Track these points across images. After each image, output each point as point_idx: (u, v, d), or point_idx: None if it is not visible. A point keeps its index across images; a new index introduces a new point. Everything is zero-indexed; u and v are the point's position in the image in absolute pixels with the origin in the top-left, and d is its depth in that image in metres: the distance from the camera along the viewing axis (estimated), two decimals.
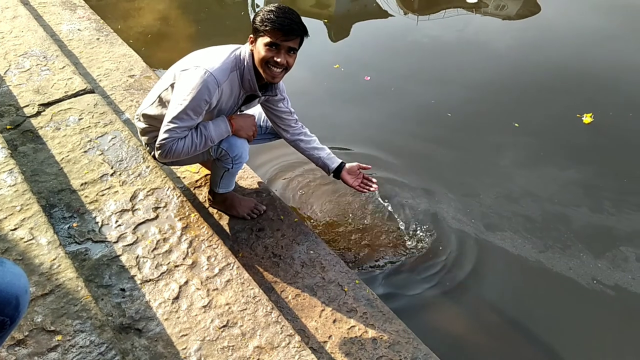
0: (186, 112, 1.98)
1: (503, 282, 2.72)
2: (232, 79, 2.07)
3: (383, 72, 4.37)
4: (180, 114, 1.98)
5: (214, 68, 1.99)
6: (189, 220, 2.24)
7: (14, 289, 1.05)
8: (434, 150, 3.56)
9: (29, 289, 1.11)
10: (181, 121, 1.99)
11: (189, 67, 2.03)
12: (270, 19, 1.95)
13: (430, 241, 2.89)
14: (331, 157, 2.47)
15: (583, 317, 2.59)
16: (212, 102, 2.02)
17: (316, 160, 2.48)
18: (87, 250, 2.07)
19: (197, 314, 1.89)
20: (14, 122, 2.67)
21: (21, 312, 1.07)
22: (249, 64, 2.06)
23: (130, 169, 2.44)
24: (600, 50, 4.79)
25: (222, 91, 2.04)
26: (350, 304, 2.22)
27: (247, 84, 2.10)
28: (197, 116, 2.02)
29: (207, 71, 1.98)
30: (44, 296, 1.68)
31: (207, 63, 2.01)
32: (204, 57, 2.06)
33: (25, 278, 1.09)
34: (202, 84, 1.96)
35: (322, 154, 2.47)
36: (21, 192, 2.07)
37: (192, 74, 1.99)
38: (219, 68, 2.00)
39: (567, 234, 2.98)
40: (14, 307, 1.05)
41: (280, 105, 2.37)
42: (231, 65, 2.05)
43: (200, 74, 1.97)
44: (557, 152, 3.56)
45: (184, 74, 2.02)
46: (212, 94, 1.99)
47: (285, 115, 2.40)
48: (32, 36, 3.37)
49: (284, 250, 2.44)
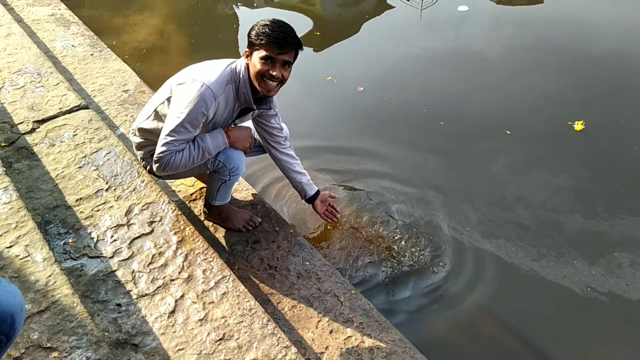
0: (184, 125, 2.00)
1: (498, 290, 2.72)
2: (227, 92, 2.09)
3: (376, 82, 4.40)
4: (178, 127, 2.00)
5: (210, 81, 2.02)
6: (185, 233, 2.25)
7: (10, 307, 1.05)
8: (428, 159, 3.58)
9: (25, 306, 1.12)
10: (179, 134, 2.01)
11: (186, 80, 2.05)
12: (265, 32, 1.98)
13: (426, 250, 2.89)
14: (310, 184, 2.65)
15: (578, 324, 2.59)
16: (209, 114, 2.05)
17: (297, 184, 2.63)
18: (83, 266, 2.08)
19: (194, 327, 1.89)
20: (8, 140, 2.68)
21: (17, 329, 1.08)
22: (245, 77, 2.09)
23: (125, 183, 2.45)
24: (592, 57, 4.83)
25: (218, 104, 2.06)
26: (346, 315, 2.23)
27: (243, 96, 2.13)
28: (195, 129, 2.04)
29: (204, 84, 2.00)
30: (39, 313, 1.68)
31: (204, 76, 2.03)
32: (201, 70, 2.09)
33: (21, 296, 1.10)
34: (199, 96, 1.99)
35: (303, 180, 2.62)
36: (16, 210, 2.08)
37: (189, 87, 2.02)
38: (215, 81, 2.03)
39: (561, 240, 2.99)
40: (10, 325, 1.06)
41: (273, 121, 2.40)
42: (227, 78, 2.08)
43: (197, 87, 2.00)
44: (549, 159, 3.58)
45: (180, 88, 2.05)
46: (209, 107, 2.02)
47: (275, 132, 2.45)
48: (25, 53, 3.39)
49: (280, 261, 2.45)
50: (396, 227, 3.02)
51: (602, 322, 2.60)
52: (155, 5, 5.81)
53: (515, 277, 2.80)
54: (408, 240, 2.95)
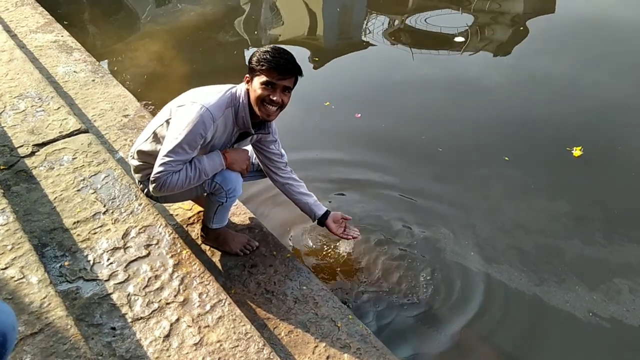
0: (182, 146, 2.02)
1: (499, 316, 2.70)
2: (226, 115, 2.12)
3: (374, 109, 4.44)
4: (176, 147, 2.02)
5: (210, 104, 2.05)
6: (181, 257, 2.24)
7: (2, 327, 1.05)
8: (427, 184, 3.59)
9: (17, 326, 1.11)
10: (176, 155, 2.03)
11: (186, 103, 2.08)
12: (266, 59, 2.02)
13: (426, 275, 2.88)
14: (317, 204, 2.57)
15: (581, 350, 2.57)
16: (207, 136, 2.07)
17: (303, 205, 2.56)
18: (79, 289, 2.06)
19: (189, 352, 1.87)
20: (7, 163, 2.69)
21: (8, 349, 1.07)
22: (244, 102, 2.12)
23: (122, 206, 2.45)
24: (589, 84, 4.89)
25: (217, 127, 2.08)
26: (343, 340, 2.20)
27: (241, 121, 2.15)
28: (193, 150, 2.05)
29: (204, 106, 2.03)
30: (33, 335, 1.67)
31: (204, 99, 2.07)
32: (201, 93, 2.12)
33: (13, 315, 1.09)
34: (198, 118, 2.01)
35: (309, 200, 2.55)
36: (12, 232, 2.07)
37: (188, 109, 2.04)
38: (215, 104, 2.06)
39: (562, 266, 2.98)
40: (1, 344, 1.05)
41: (272, 147, 2.42)
42: (226, 102, 2.11)
43: (197, 109, 2.02)
44: (547, 185, 3.60)
45: (180, 110, 2.08)
46: (208, 129, 2.04)
47: (275, 158, 2.46)
48: (27, 78, 3.43)
49: (277, 286, 2.44)
50: (396, 252, 3.01)
51: (604, 347, 2.57)
52: (155, 32, 5.90)
53: (518, 303, 2.78)
54: (409, 265, 2.93)
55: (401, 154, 3.89)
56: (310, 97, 4.56)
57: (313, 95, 4.60)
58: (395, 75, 5.19)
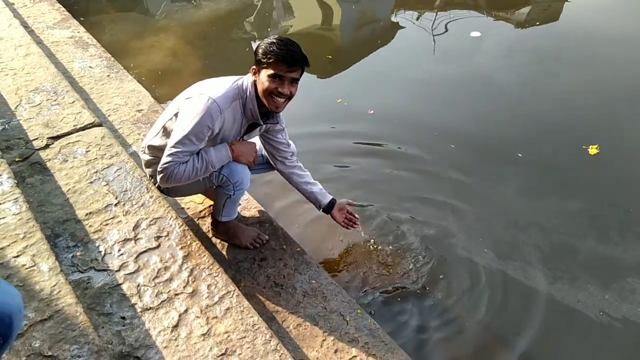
0: (189, 137, 2.03)
1: (511, 314, 2.68)
2: (234, 107, 2.12)
3: (386, 105, 4.42)
4: (183, 138, 2.03)
5: (217, 95, 2.06)
6: (191, 249, 2.25)
7: (8, 308, 1.06)
8: (440, 180, 3.57)
9: (23, 308, 1.12)
10: (184, 146, 2.04)
11: (193, 95, 2.10)
12: (273, 51, 2.02)
13: (439, 270, 2.86)
14: (323, 193, 2.58)
15: (593, 350, 2.54)
16: (215, 128, 2.07)
17: (309, 194, 2.58)
18: (90, 279, 2.08)
19: (196, 342, 1.88)
20: (22, 155, 2.73)
21: (14, 330, 1.09)
22: (251, 94, 2.13)
23: (134, 199, 2.47)
24: (608, 81, 4.83)
25: (224, 118, 2.09)
26: (352, 334, 2.20)
27: (249, 112, 2.16)
28: (200, 142, 2.07)
29: (210, 98, 2.04)
30: (42, 322, 1.69)
31: (211, 91, 2.08)
32: (208, 86, 2.13)
33: (20, 298, 1.11)
34: (205, 110, 2.02)
35: (314, 189, 2.57)
36: (25, 221, 2.10)
37: (195, 102, 2.06)
38: (222, 96, 2.07)
39: (575, 264, 2.95)
40: (7, 326, 1.06)
41: (279, 136, 2.43)
42: (233, 94, 2.12)
43: (204, 101, 2.04)
44: (562, 183, 3.56)
45: (187, 102, 2.09)
46: (215, 121, 2.05)
47: (282, 147, 2.47)
48: (43, 72, 3.47)
49: (286, 279, 2.44)
50: (407, 247, 3.00)
51: (616, 347, 2.54)
52: (170, 27, 5.94)
53: (527, 300, 2.75)
54: (418, 261, 2.92)
55: (414, 150, 3.87)
56: (323, 94, 4.56)
57: (325, 93, 4.60)
58: (408, 72, 5.16)
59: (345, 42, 6.33)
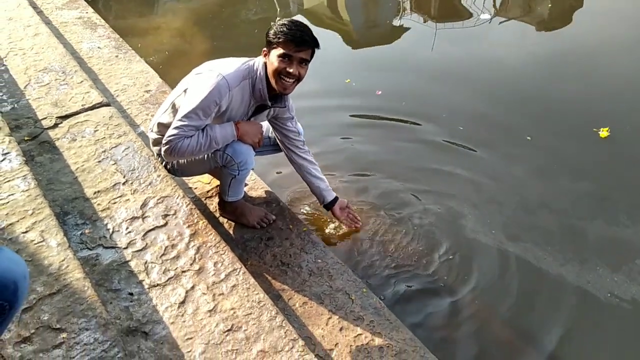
0: (196, 112, 2.04)
1: (518, 294, 2.66)
2: (243, 87, 2.13)
3: (394, 86, 4.40)
4: (190, 112, 2.05)
5: (227, 73, 2.07)
6: (198, 227, 2.27)
7: (12, 275, 1.08)
8: (448, 161, 3.55)
9: (28, 275, 1.14)
10: (190, 120, 2.05)
11: (203, 71, 2.12)
12: (283, 31, 2.03)
13: (446, 251, 2.86)
14: (328, 190, 2.67)
15: (601, 332, 2.52)
16: (222, 105, 2.08)
17: (315, 189, 2.66)
18: (98, 256, 2.11)
19: (203, 318, 1.90)
20: (32, 134, 2.75)
21: (20, 297, 1.10)
22: (261, 75, 2.14)
23: (141, 177, 2.49)
24: (619, 63, 4.75)
25: (232, 96, 2.10)
26: (357, 312, 2.21)
27: (258, 93, 2.16)
28: (206, 117, 2.08)
29: (221, 74, 2.05)
30: (51, 295, 1.71)
31: (221, 68, 2.09)
32: (219, 63, 2.15)
33: (24, 265, 1.12)
34: (214, 85, 2.03)
35: (321, 185, 2.64)
36: (34, 197, 2.13)
37: (205, 77, 2.08)
38: (232, 73, 2.08)
39: (584, 246, 2.92)
40: (12, 292, 1.08)
41: (289, 124, 2.45)
42: (244, 73, 2.13)
43: (214, 77, 2.05)
44: (572, 165, 3.52)
45: (197, 77, 2.11)
46: (223, 97, 2.05)
47: (292, 135, 2.49)
48: (52, 53, 3.49)
49: (292, 258, 2.45)
50: (415, 228, 3.00)
51: (624, 329, 2.53)
52: (178, 9, 5.92)
53: (534, 282, 2.74)
54: (426, 241, 2.91)
55: (421, 131, 3.85)
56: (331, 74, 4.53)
57: (334, 73, 4.57)
58: (416, 54, 5.11)
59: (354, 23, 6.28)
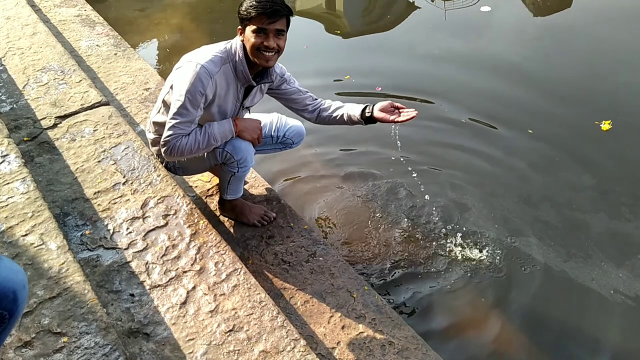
0: (184, 107, 2.03)
1: (522, 291, 2.65)
2: (225, 71, 2.11)
3: (394, 82, 4.38)
4: (179, 109, 2.04)
5: (205, 60, 2.06)
6: (198, 227, 2.26)
7: (11, 284, 1.07)
8: (449, 155, 3.55)
9: (27, 284, 1.13)
10: (180, 116, 2.05)
11: (182, 64, 2.10)
12: (252, 5, 2.00)
13: (449, 246, 2.85)
14: (353, 107, 2.38)
15: (605, 328, 2.51)
16: (208, 93, 2.06)
17: (343, 120, 2.39)
18: (99, 257, 2.11)
19: (204, 318, 1.90)
20: (31, 134, 2.75)
21: (19, 306, 1.10)
22: (241, 56, 2.11)
23: (141, 177, 2.48)
24: (622, 57, 4.71)
25: (215, 83, 2.08)
26: (359, 310, 2.21)
27: (241, 74, 2.14)
28: (195, 109, 2.06)
29: (199, 64, 2.04)
30: (51, 299, 1.71)
31: (199, 57, 2.08)
32: (196, 53, 2.13)
33: (23, 274, 1.12)
34: (195, 76, 2.02)
35: (345, 111, 2.38)
36: (33, 199, 2.12)
37: (185, 69, 2.06)
38: (209, 60, 2.06)
39: (588, 241, 2.91)
40: (12, 301, 1.08)
41: (286, 86, 2.38)
42: (222, 58, 2.11)
43: (192, 67, 2.04)
44: (574, 158, 3.50)
45: (178, 71, 2.10)
46: (206, 85, 2.04)
47: (296, 96, 2.40)
48: (50, 52, 3.47)
49: (294, 257, 2.45)
50: (417, 222, 2.99)
51: (628, 326, 2.51)
52: (176, 5, 5.89)
53: (540, 278, 2.72)
54: (428, 236, 2.91)
55: (423, 125, 3.83)
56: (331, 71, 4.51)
57: (333, 69, 4.55)
58: (417, 49, 5.08)
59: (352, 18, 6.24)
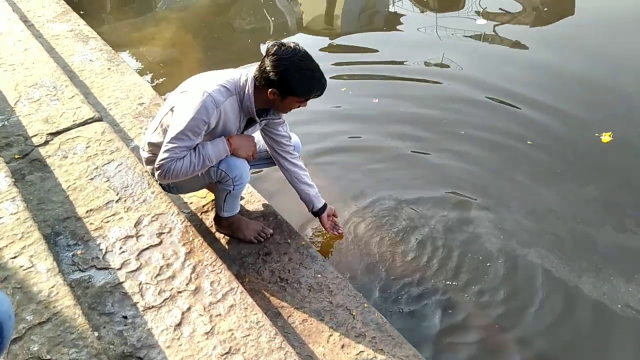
0: (185, 133, 2.00)
1: (530, 309, 2.58)
2: (232, 103, 2.09)
3: (390, 94, 4.36)
4: (179, 134, 2.00)
5: (213, 89, 2.02)
6: (193, 245, 2.21)
7: None
8: (448, 165, 3.51)
9: (13, 314, 1.09)
10: (180, 141, 2.01)
11: (188, 89, 2.06)
12: (315, 93, 2.09)
13: (453, 259, 2.80)
14: (318, 197, 2.61)
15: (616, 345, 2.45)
16: (211, 122, 2.03)
17: (305, 195, 2.59)
18: (91, 278, 2.05)
19: (200, 340, 1.84)
20: (22, 152, 2.70)
21: (6, 337, 1.06)
22: (249, 92, 2.08)
23: (135, 195, 2.43)
24: (621, 67, 4.70)
25: (221, 112, 2.05)
26: (358, 329, 2.16)
27: (246, 109, 2.13)
28: (196, 137, 2.03)
29: (206, 92, 2.00)
30: (41, 324, 1.65)
31: (207, 85, 2.03)
32: (204, 79, 2.09)
33: (9, 304, 1.07)
34: (201, 104, 1.98)
35: (311, 192, 2.58)
36: (23, 220, 2.07)
37: (191, 95, 2.02)
38: (218, 90, 2.03)
39: (596, 255, 2.85)
40: None
41: (280, 129, 2.39)
42: (230, 89, 2.08)
43: (199, 95, 2.00)
44: (575, 170, 3.46)
45: (183, 96, 2.05)
46: (211, 115, 2.00)
47: (284, 140, 2.43)
48: (42, 67, 3.43)
49: (291, 274, 2.40)
50: (419, 236, 2.94)
51: None
52: (171, 19, 5.88)
53: (547, 295, 2.65)
54: (432, 249, 2.86)
55: (421, 136, 3.81)
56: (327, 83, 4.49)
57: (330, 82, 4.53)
58: (411, 60, 5.06)
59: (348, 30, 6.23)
